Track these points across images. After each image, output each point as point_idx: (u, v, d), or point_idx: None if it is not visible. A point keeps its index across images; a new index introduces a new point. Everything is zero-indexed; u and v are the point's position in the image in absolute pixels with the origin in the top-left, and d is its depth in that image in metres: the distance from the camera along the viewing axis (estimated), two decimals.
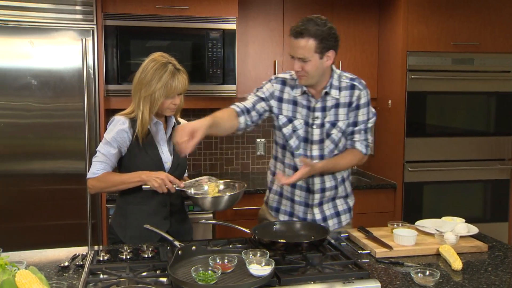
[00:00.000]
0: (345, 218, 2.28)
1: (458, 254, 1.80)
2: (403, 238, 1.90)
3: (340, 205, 2.27)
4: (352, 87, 2.12)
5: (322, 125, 2.11)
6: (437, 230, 2.00)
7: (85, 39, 2.82)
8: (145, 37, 3.12)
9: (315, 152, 2.14)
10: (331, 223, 2.23)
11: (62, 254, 1.86)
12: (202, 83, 3.23)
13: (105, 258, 1.77)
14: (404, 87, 3.39)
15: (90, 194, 2.87)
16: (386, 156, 3.61)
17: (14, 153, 2.81)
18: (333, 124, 2.12)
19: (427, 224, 2.11)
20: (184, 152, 1.77)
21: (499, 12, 3.47)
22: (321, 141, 2.13)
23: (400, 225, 2.07)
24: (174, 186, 1.94)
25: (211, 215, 3.04)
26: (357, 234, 2.04)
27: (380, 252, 1.84)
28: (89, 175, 2.04)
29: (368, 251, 1.88)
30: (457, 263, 1.71)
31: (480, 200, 3.61)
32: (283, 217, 2.26)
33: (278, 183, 2.17)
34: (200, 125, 1.80)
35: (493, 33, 3.47)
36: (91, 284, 1.55)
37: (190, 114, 3.71)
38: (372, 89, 3.66)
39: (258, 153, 3.84)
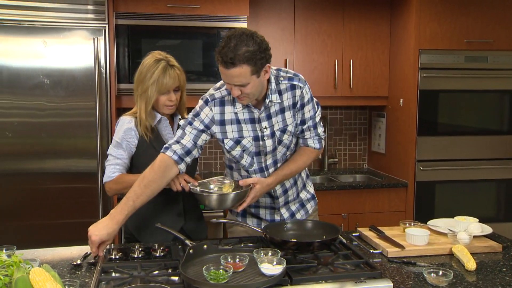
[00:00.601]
0: (310, 207, 2.23)
1: (472, 254, 1.78)
2: (416, 238, 1.89)
3: (303, 195, 2.21)
4: (293, 87, 1.97)
5: (273, 135, 1.98)
6: (450, 230, 1.98)
7: (97, 38, 2.84)
8: (156, 36, 3.13)
9: (269, 161, 2.03)
10: (299, 216, 2.18)
11: (74, 252, 1.87)
12: (213, 82, 3.20)
13: (117, 256, 1.78)
14: (416, 85, 3.36)
15: (102, 192, 2.89)
16: (398, 155, 3.58)
17: (27, 152, 2.84)
18: (283, 130, 2.00)
19: (439, 223, 2.09)
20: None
21: None
22: (274, 150, 2.02)
23: (412, 224, 2.06)
24: (189, 184, 1.93)
25: (221, 213, 3.05)
26: (368, 234, 2.02)
27: (392, 251, 1.83)
28: (104, 179, 2.05)
29: (380, 251, 1.87)
30: (470, 263, 1.69)
31: (493, 199, 3.57)
32: (250, 221, 2.18)
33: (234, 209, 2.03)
34: (108, 234, 1.73)
35: (507, 30, 3.43)
36: (104, 282, 1.56)
37: None
38: (384, 87, 3.66)
39: None
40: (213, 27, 3.19)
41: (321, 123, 2.11)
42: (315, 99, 2.07)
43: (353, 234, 2.09)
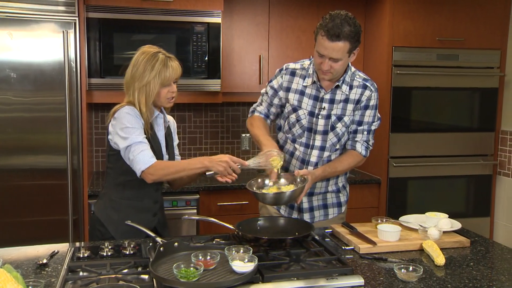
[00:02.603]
0: (332, 212, 2.29)
1: (441, 249, 1.81)
2: (387, 234, 1.90)
3: (330, 198, 2.28)
4: (364, 87, 2.15)
5: (328, 117, 2.14)
6: (421, 226, 2.00)
7: (67, 32, 2.76)
8: (129, 30, 3.07)
9: (318, 142, 2.16)
10: (317, 214, 2.25)
11: (41, 251, 1.82)
12: (187, 77, 3.19)
13: (85, 255, 1.74)
14: (389, 82, 3.39)
15: (72, 189, 2.82)
16: (371, 151, 3.59)
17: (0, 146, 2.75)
18: (339, 118, 2.14)
19: (411, 219, 2.11)
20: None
21: (484, 8, 3.49)
22: (325, 133, 2.15)
23: (384, 220, 2.07)
24: (238, 166, 1.88)
25: (194, 210, 3.03)
26: (341, 230, 2.03)
27: (364, 248, 1.84)
28: (143, 166, 1.89)
29: (352, 247, 1.88)
30: (440, 259, 1.72)
31: (463, 195, 3.64)
32: (266, 209, 2.29)
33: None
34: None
35: (477, 29, 3.49)
36: (70, 282, 1.52)
37: (174, 109, 3.66)
38: None
39: (243, 148, 3.82)
40: (187, 21, 3.14)
41: (373, 136, 2.23)
42: (378, 113, 2.21)
43: (326, 230, 2.10)
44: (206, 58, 3.20)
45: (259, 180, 2.03)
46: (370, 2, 3.56)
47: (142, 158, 1.90)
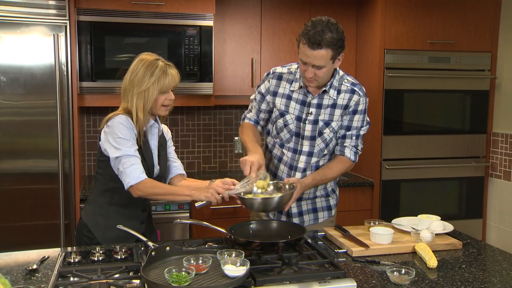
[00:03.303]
0: (322, 215, 2.28)
1: (434, 251, 1.81)
2: (380, 237, 1.90)
3: (319, 202, 2.27)
4: (352, 92, 2.13)
5: (315, 122, 2.12)
6: (413, 228, 2.00)
7: (57, 35, 2.74)
8: (120, 34, 3.05)
9: (305, 148, 2.15)
10: (307, 218, 2.24)
11: (31, 256, 1.80)
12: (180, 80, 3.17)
13: (76, 260, 1.72)
14: (381, 85, 3.40)
15: (63, 194, 2.80)
16: (364, 154, 3.56)
17: None
18: (327, 124, 2.13)
19: (403, 222, 2.11)
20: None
21: (475, 11, 3.51)
22: (313, 138, 2.14)
23: (377, 223, 2.07)
24: (226, 192, 1.87)
25: (187, 214, 3.01)
26: (333, 233, 2.03)
27: (356, 251, 1.83)
28: (132, 181, 1.89)
29: (345, 250, 1.88)
30: (432, 261, 1.72)
31: (455, 197, 3.65)
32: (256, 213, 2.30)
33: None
34: (262, 159, 1.98)
35: (468, 32, 3.51)
36: (61, 287, 1.50)
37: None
38: None
39: (236, 151, 3.81)
40: (178, 24, 3.13)
41: (362, 141, 2.21)
42: (367, 118, 2.20)
43: (319, 233, 2.09)
44: (198, 61, 3.20)
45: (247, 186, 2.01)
46: (362, 5, 3.58)
47: (132, 173, 1.90)
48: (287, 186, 2.00)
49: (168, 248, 1.69)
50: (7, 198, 2.77)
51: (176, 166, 2.21)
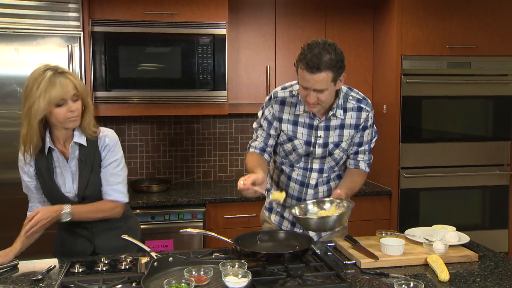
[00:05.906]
0: (334, 186, 2.20)
1: (447, 264, 1.73)
2: (390, 248, 1.83)
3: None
4: (359, 109, 2.07)
5: (325, 145, 2.08)
6: (426, 239, 1.93)
7: (72, 46, 2.79)
8: (134, 43, 3.08)
9: (316, 165, 2.12)
10: (321, 190, 2.17)
11: (38, 265, 1.81)
12: (192, 89, 3.19)
13: (80, 270, 1.71)
14: (398, 91, 3.32)
15: None
16: (381, 162, 3.53)
17: (4, 161, 2.76)
18: (337, 145, 2.09)
19: (417, 232, 2.04)
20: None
21: (496, 14, 3.40)
22: (323, 157, 2.11)
23: (389, 233, 2.00)
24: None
25: (201, 223, 2.99)
26: (343, 244, 1.97)
27: (365, 262, 1.77)
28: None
29: (354, 262, 1.82)
30: (444, 274, 1.64)
31: (478, 206, 3.52)
32: (274, 217, 2.27)
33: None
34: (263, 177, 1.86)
35: (490, 36, 3.41)
36: None
37: (183, 121, 3.67)
38: (367, 94, 3.57)
39: None
40: (191, 33, 3.14)
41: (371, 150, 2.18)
42: (375, 127, 2.16)
43: (329, 244, 2.04)
44: (212, 70, 3.19)
45: (302, 205, 1.97)
46: (378, 10, 3.52)
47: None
48: (327, 205, 1.94)
49: (171, 258, 1.68)
50: (11, 207, 2.78)
51: (105, 191, 1.98)
